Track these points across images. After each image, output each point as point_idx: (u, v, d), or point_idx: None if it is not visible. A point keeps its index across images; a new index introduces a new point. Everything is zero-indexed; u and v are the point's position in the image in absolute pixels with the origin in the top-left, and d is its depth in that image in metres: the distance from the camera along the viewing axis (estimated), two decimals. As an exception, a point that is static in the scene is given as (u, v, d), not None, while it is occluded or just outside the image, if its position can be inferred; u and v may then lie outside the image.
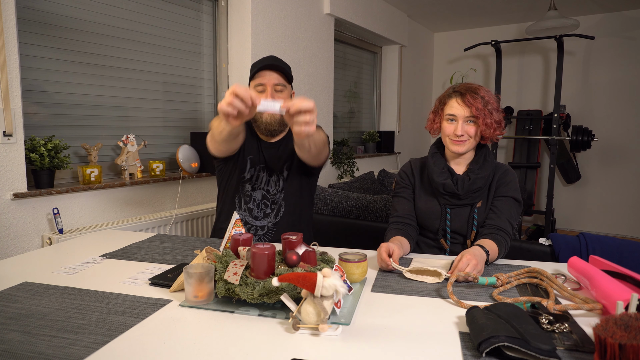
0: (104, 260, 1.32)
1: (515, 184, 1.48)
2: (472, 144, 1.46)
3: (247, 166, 1.69)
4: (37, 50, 1.98)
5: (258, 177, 1.69)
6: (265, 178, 1.70)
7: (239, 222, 1.26)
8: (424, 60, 5.54)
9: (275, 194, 1.69)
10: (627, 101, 4.75)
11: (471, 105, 1.41)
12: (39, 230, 1.91)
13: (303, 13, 3.27)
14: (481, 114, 1.40)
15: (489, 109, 1.41)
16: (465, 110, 1.42)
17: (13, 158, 1.79)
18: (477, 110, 1.40)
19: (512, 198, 1.46)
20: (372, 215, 2.42)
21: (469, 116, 1.42)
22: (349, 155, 4.00)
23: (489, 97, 1.43)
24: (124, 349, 0.78)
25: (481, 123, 1.41)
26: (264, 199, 1.69)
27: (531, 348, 0.72)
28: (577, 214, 5.11)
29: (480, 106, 1.40)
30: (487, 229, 1.42)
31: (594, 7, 4.57)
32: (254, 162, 1.70)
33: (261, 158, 1.70)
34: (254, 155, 1.71)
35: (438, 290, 1.10)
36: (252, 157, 1.70)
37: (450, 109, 1.45)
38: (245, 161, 1.69)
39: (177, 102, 2.66)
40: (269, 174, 1.70)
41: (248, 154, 1.70)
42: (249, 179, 1.68)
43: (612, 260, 1.17)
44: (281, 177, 1.70)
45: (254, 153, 1.71)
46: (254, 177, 1.69)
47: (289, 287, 0.90)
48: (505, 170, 1.50)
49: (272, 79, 1.57)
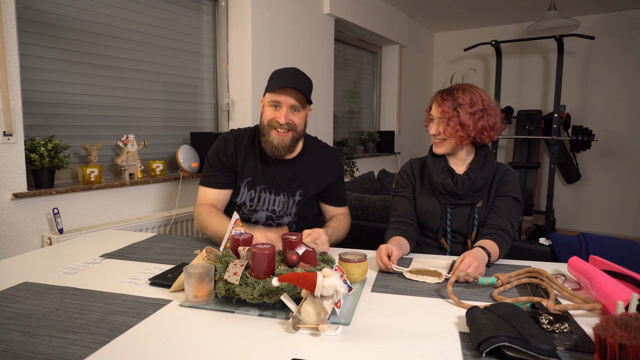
0: (104, 260, 1.32)
1: (515, 183, 1.48)
2: (452, 145, 1.46)
3: (240, 192, 1.56)
4: (37, 50, 1.98)
5: (260, 199, 1.56)
6: (269, 198, 1.56)
7: (239, 222, 1.26)
8: (424, 60, 5.54)
9: (283, 217, 1.56)
10: (627, 101, 4.75)
11: (441, 106, 1.44)
12: (39, 230, 1.91)
13: (303, 13, 3.27)
14: (446, 116, 1.42)
15: (461, 110, 1.40)
16: (437, 111, 1.45)
17: (13, 158, 1.79)
18: (442, 112, 1.43)
19: (512, 198, 1.46)
20: (372, 215, 2.42)
21: (440, 116, 1.45)
22: (349, 155, 4.00)
23: (468, 99, 1.42)
24: (124, 349, 0.78)
25: (451, 124, 1.41)
26: (268, 220, 1.56)
27: (531, 348, 0.72)
28: (577, 214, 5.11)
29: (446, 108, 1.42)
30: (488, 228, 1.41)
31: (594, 7, 4.56)
32: (252, 184, 1.56)
33: (264, 178, 1.56)
34: (253, 176, 1.56)
35: (438, 290, 1.10)
36: (249, 180, 1.56)
37: (431, 109, 1.50)
38: (238, 187, 1.57)
39: (177, 102, 2.66)
40: (275, 194, 1.56)
41: (245, 176, 1.56)
42: (242, 203, 1.56)
43: (612, 260, 1.17)
44: (292, 199, 1.56)
45: (254, 173, 1.56)
46: (255, 198, 1.56)
47: (289, 287, 0.90)
48: (506, 170, 1.50)
49: (289, 100, 1.45)
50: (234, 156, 1.57)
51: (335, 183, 1.65)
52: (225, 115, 2.94)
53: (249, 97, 2.86)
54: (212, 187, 1.56)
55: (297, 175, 1.58)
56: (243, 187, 1.57)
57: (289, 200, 1.57)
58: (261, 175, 1.57)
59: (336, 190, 1.66)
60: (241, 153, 1.57)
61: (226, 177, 1.57)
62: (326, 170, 1.62)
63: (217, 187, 1.56)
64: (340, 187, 1.68)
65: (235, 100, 2.92)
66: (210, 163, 1.58)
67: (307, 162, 1.60)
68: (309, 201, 1.61)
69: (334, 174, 1.64)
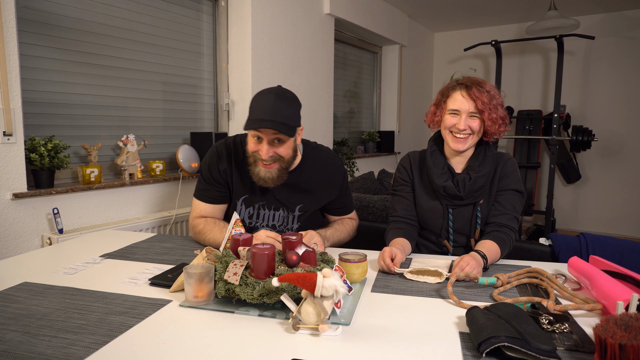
0: (103, 260, 1.32)
1: (516, 174, 1.45)
2: (474, 141, 1.41)
3: (238, 208, 1.51)
4: (37, 50, 1.98)
5: (259, 216, 1.52)
6: (268, 214, 1.51)
7: (238, 222, 1.26)
8: (424, 60, 5.54)
9: (284, 231, 1.52)
10: (627, 101, 4.75)
11: (477, 99, 1.35)
12: (39, 230, 1.91)
13: (303, 13, 3.27)
14: (486, 108, 1.35)
15: (494, 103, 1.37)
16: (469, 104, 1.37)
17: (13, 158, 1.79)
18: (482, 104, 1.35)
19: (514, 191, 1.43)
20: (372, 215, 2.42)
21: (473, 111, 1.37)
22: (349, 155, 4.00)
23: (494, 91, 1.39)
24: (124, 349, 0.78)
25: (487, 118, 1.36)
26: None
27: (531, 348, 0.72)
28: (577, 214, 5.11)
29: (486, 100, 1.35)
30: (491, 227, 1.40)
31: (594, 7, 4.56)
32: (250, 202, 1.51)
33: (261, 195, 1.51)
34: (250, 194, 1.51)
35: (438, 290, 1.10)
36: (246, 197, 1.51)
37: (454, 102, 1.40)
38: (235, 203, 1.52)
39: (177, 102, 2.66)
40: (274, 209, 1.51)
41: (241, 194, 1.51)
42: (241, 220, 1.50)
43: (612, 260, 1.17)
44: (291, 214, 1.52)
45: (251, 190, 1.50)
46: (254, 215, 1.52)
47: (289, 287, 0.90)
48: (506, 161, 1.46)
49: (269, 133, 1.32)
50: (227, 172, 1.50)
51: (339, 197, 1.58)
52: (225, 115, 2.94)
53: (248, 97, 2.86)
54: (205, 202, 1.53)
55: (295, 191, 1.50)
56: (240, 205, 1.51)
57: (288, 216, 1.52)
58: (258, 193, 1.50)
59: (341, 201, 1.60)
60: (235, 169, 1.50)
61: (219, 192, 1.52)
62: (328, 186, 1.54)
63: (211, 202, 1.53)
64: (345, 197, 1.60)
65: (235, 100, 2.92)
66: (204, 177, 1.52)
67: (307, 176, 1.51)
68: (311, 215, 1.55)
69: (336, 189, 1.55)
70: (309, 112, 3.43)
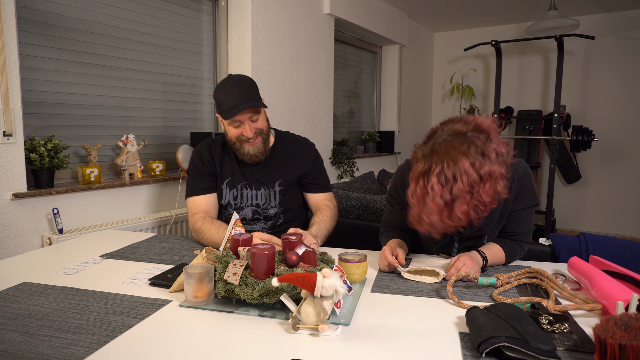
0: (103, 260, 1.32)
1: (532, 187, 1.30)
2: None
3: (223, 193, 1.62)
4: (37, 50, 1.98)
5: (243, 196, 1.62)
6: (252, 194, 1.62)
7: (238, 222, 1.26)
8: (424, 60, 5.54)
9: (268, 209, 1.62)
10: (627, 101, 4.75)
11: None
12: (39, 230, 1.91)
13: (303, 13, 3.27)
14: (468, 201, 1.05)
15: (476, 190, 1.06)
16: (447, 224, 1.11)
17: (13, 158, 1.79)
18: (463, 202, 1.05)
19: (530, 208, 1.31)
20: (372, 215, 2.42)
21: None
22: (349, 155, 4.00)
23: (477, 165, 1.05)
24: (123, 349, 0.78)
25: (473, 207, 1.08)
26: (255, 215, 1.62)
27: (531, 348, 0.72)
28: (577, 214, 5.11)
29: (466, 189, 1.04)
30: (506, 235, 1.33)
31: (594, 7, 4.56)
32: (233, 184, 1.62)
33: (242, 176, 1.62)
34: (232, 176, 1.62)
35: (438, 290, 1.10)
36: (229, 180, 1.62)
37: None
38: (220, 189, 1.63)
39: (177, 102, 2.66)
40: (255, 189, 1.62)
41: (225, 177, 1.62)
42: (227, 203, 1.62)
43: (612, 260, 1.17)
44: (272, 190, 1.62)
45: (232, 174, 1.63)
46: (238, 196, 1.62)
47: (288, 287, 0.90)
48: (521, 178, 1.27)
49: (247, 115, 1.48)
50: (210, 162, 1.62)
51: (312, 169, 1.67)
52: (225, 115, 2.94)
53: (249, 97, 2.86)
54: (198, 195, 1.60)
55: (272, 169, 1.63)
56: (225, 188, 1.62)
57: (270, 192, 1.62)
58: (239, 174, 1.62)
59: (314, 176, 1.68)
60: (217, 158, 1.63)
61: (209, 182, 1.62)
62: (301, 158, 1.66)
63: (204, 193, 1.61)
64: (319, 172, 1.70)
65: (235, 100, 2.92)
66: (191, 174, 1.64)
67: (280, 155, 1.65)
68: (289, 189, 1.64)
69: (309, 161, 1.67)
70: (309, 112, 3.43)
